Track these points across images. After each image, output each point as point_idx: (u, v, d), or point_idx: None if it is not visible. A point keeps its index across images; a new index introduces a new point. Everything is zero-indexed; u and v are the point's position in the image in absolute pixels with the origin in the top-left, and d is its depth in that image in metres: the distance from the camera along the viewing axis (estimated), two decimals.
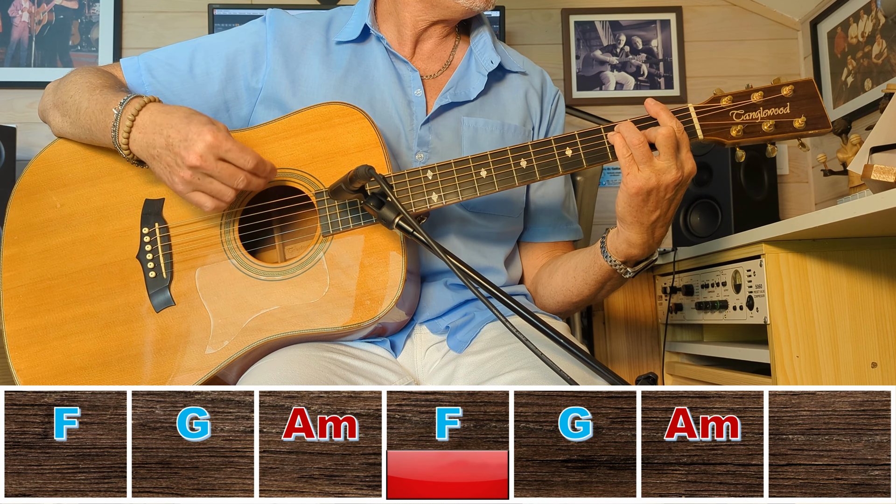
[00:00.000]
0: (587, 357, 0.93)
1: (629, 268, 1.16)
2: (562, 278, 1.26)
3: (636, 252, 1.14)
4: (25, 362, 1.11)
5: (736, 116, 1.11)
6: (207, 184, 1.04)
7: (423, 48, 1.32)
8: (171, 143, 1.04)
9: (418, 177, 1.12)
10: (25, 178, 1.19)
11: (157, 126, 1.06)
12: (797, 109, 1.10)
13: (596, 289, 1.22)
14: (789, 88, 1.11)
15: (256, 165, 1.04)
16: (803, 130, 1.10)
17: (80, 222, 1.16)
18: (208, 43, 1.28)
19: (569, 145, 1.11)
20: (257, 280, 1.11)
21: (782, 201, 2.62)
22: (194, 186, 1.05)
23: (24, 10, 2.53)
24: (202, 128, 1.03)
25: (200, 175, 1.03)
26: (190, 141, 1.02)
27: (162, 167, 1.06)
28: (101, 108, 1.11)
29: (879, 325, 1.62)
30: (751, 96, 1.11)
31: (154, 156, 1.06)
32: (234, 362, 1.09)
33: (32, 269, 1.14)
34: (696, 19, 2.74)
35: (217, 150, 1.02)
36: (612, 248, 1.15)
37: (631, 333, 2.48)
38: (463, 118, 1.28)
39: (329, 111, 1.16)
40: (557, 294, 1.28)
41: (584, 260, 1.22)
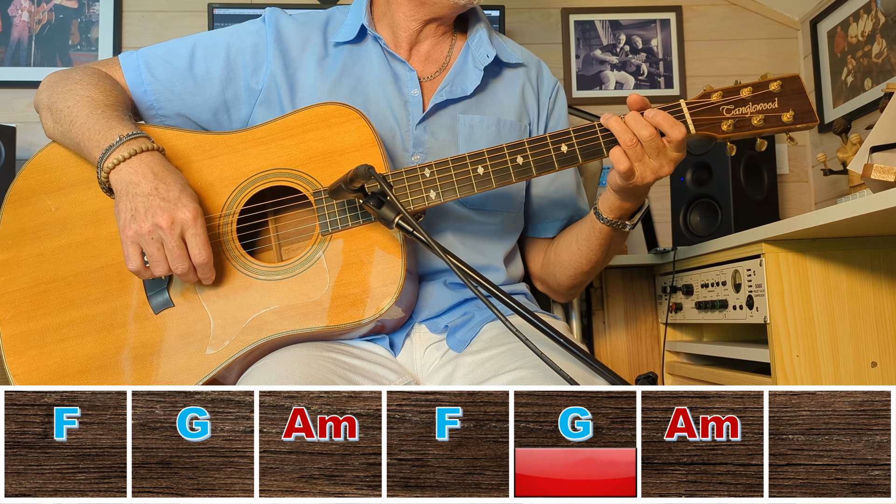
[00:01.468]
0: (587, 357, 0.93)
1: (627, 221, 1.20)
2: (567, 253, 1.30)
3: (630, 205, 1.18)
4: (22, 367, 1.10)
5: (726, 111, 1.13)
6: (153, 248, 1.04)
7: (420, 49, 1.32)
8: (153, 194, 1.04)
9: (416, 174, 1.12)
10: (18, 182, 1.18)
11: (152, 174, 1.06)
12: (785, 104, 1.13)
13: (603, 251, 1.26)
14: (777, 84, 1.13)
15: (203, 264, 1.05)
16: (791, 124, 1.13)
17: (75, 226, 1.15)
18: (208, 40, 1.27)
19: (564, 141, 1.12)
20: (256, 280, 1.11)
21: (782, 201, 2.62)
22: (142, 241, 1.04)
23: (24, 9, 2.53)
24: (190, 202, 1.05)
25: (155, 237, 1.04)
26: (171, 204, 1.03)
27: (128, 208, 1.05)
28: (98, 129, 1.10)
29: (879, 324, 1.62)
30: (740, 92, 1.14)
31: (130, 193, 1.05)
32: (234, 362, 1.09)
33: (28, 273, 1.13)
34: (695, 19, 2.74)
35: (187, 229, 1.04)
36: (606, 210, 1.19)
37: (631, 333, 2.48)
38: (459, 115, 1.28)
39: (326, 111, 1.16)
40: (568, 268, 1.31)
41: (583, 230, 1.26)
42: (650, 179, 1.11)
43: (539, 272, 1.39)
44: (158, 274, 1.06)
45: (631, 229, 1.22)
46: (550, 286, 1.38)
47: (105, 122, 1.11)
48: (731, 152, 1.18)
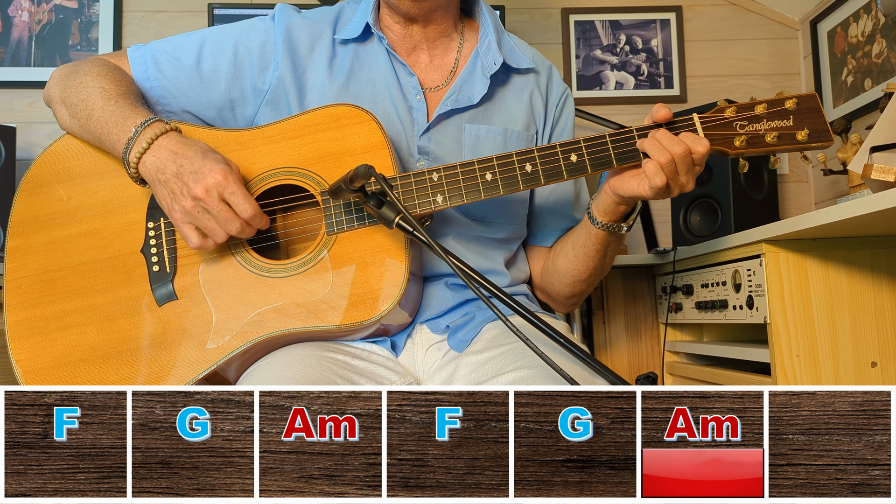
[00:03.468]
0: (587, 357, 0.93)
1: (622, 223, 1.20)
2: (564, 262, 1.29)
3: (625, 208, 1.18)
4: (26, 353, 1.11)
5: (740, 127, 1.12)
6: (205, 220, 1.06)
7: (420, 59, 1.30)
8: (181, 172, 1.05)
9: (423, 178, 1.13)
10: (33, 171, 1.20)
11: (172, 154, 1.07)
12: (800, 122, 1.12)
13: (600, 258, 1.25)
14: (793, 102, 1.12)
15: (253, 216, 1.06)
16: (806, 143, 1.12)
17: (85, 215, 1.16)
18: (217, 37, 1.26)
19: (573, 151, 1.12)
20: (260, 277, 1.12)
21: (782, 201, 2.62)
22: (191, 218, 1.06)
23: (24, 9, 2.53)
24: (216, 165, 1.05)
25: (200, 209, 1.05)
26: (201, 174, 1.05)
27: (166, 193, 1.07)
28: (115, 122, 1.12)
29: (879, 324, 1.62)
30: (755, 108, 1.13)
31: (161, 180, 1.07)
32: (234, 358, 1.10)
33: (36, 260, 1.15)
34: (695, 19, 2.74)
35: (223, 190, 1.04)
36: (600, 214, 1.19)
37: (631, 333, 2.48)
38: (465, 125, 1.26)
39: (337, 112, 1.17)
40: (566, 276, 1.29)
41: (579, 237, 1.25)
42: (675, 194, 1.12)
43: (539, 281, 1.38)
44: (220, 240, 1.07)
45: (627, 231, 1.21)
46: (550, 295, 1.37)
47: (120, 112, 1.12)
48: (742, 169, 1.17)
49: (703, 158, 1.09)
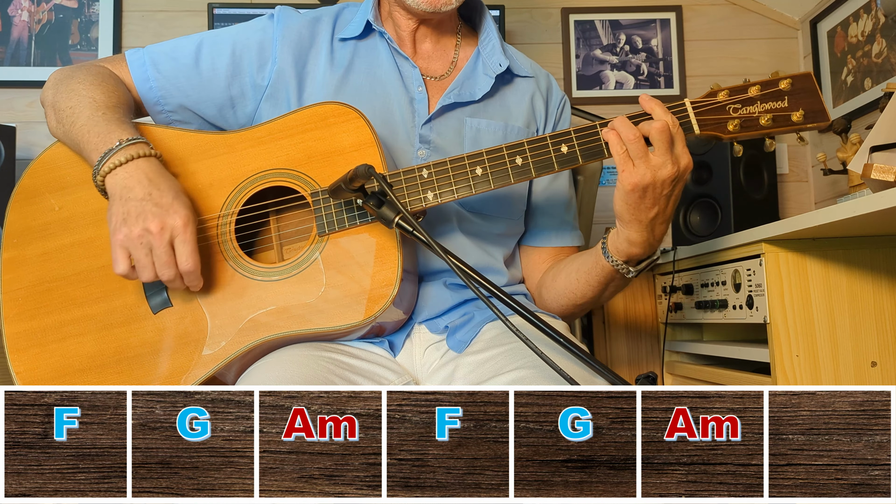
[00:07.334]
0: (587, 356, 0.93)
1: (631, 267, 1.16)
2: (564, 281, 1.26)
3: (637, 251, 1.13)
4: (25, 365, 1.11)
5: (733, 111, 1.11)
6: (142, 254, 1.04)
7: (423, 48, 1.32)
8: (146, 199, 1.04)
9: (413, 175, 1.12)
10: (25, 180, 1.19)
11: (146, 178, 1.06)
12: (795, 103, 1.10)
13: (599, 290, 1.22)
14: (787, 82, 1.10)
15: (190, 272, 1.05)
16: (801, 124, 1.10)
17: (78, 225, 1.15)
18: (215, 37, 1.27)
19: (564, 142, 1.11)
20: (254, 280, 1.11)
21: (782, 200, 2.62)
22: (131, 246, 1.04)
23: (24, 9, 2.53)
24: (182, 209, 1.05)
25: (145, 243, 1.04)
26: (164, 210, 1.04)
27: (122, 211, 1.05)
28: (98, 132, 1.10)
29: (879, 324, 1.62)
30: (748, 90, 1.11)
31: (124, 198, 1.05)
32: (231, 362, 1.09)
33: (31, 271, 1.14)
34: (695, 18, 2.74)
35: (176, 235, 1.04)
36: (612, 248, 1.15)
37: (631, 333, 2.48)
38: (466, 119, 1.28)
39: (325, 111, 1.16)
40: (561, 297, 1.27)
41: (587, 262, 1.21)
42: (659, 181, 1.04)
43: (532, 287, 1.36)
44: (145, 279, 1.06)
45: (633, 277, 1.17)
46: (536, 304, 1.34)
47: (105, 124, 1.11)
48: (738, 153, 1.15)
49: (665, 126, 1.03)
